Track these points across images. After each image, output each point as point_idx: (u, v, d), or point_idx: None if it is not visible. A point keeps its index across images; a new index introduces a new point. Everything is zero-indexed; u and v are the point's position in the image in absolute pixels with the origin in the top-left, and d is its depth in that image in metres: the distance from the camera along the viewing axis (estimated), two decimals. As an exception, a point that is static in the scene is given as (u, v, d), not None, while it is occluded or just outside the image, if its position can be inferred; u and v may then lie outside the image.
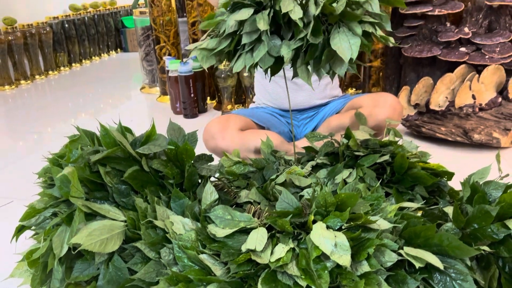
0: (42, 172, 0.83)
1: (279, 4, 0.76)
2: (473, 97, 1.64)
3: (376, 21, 0.81)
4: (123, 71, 3.46)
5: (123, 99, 2.63)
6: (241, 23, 0.77)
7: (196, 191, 0.78)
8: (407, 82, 1.90)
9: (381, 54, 1.97)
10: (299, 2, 0.79)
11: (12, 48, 2.89)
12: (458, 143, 1.55)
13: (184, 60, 2.09)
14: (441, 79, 1.64)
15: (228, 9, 0.82)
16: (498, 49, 1.67)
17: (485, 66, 1.67)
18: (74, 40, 3.52)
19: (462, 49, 1.72)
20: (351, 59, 0.78)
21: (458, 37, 1.71)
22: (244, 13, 0.75)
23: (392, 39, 0.84)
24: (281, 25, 0.80)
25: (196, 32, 2.26)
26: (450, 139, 1.54)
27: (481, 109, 1.65)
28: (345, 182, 1.04)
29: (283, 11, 0.75)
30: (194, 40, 2.29)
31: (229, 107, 2.15)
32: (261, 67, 0.81)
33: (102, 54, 3.93)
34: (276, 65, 0.82)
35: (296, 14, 0.76)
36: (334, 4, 0.78)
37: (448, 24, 1.81)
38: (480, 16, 1.78)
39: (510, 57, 1.65)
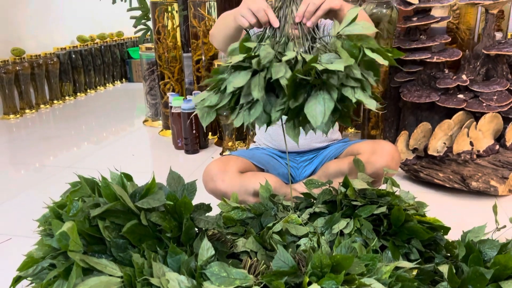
0: (42, 220, 0.84)
1: (271, 71, 0.80)
2: (471, 143, 1.66)
3: (357, 85, 0.84)
4: (127, 102, 3.51)
5: (126, 130, 2.66)
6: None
7: (193, 245, 0.79)
8: (406, 125, 1.93)
9: (380, 97, 2.00)
10: (290, 64, 0.83)
11: (19, 77, 2.95)
12: (456, 189, 1.56)
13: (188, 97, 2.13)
14: (439, 125, 1.67)
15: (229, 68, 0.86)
16: (495, 97, 1.70)
17: (483, 113, 1.70)
18: (80, 70, 3.59)
19: (460, 96, 1.75)
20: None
21: (456, 84, 1.75)
22: (242, 79, 0.78)
23: (374, 104, 0.84)
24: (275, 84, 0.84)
25: (200, 69, 2.30)
26: (448, 185, 1.55)
27: (478, 156, 1.66)
28: (342, 233, 1.04)
29: (274, 77, 0.79)
30: (198, 77, 2.34)
31: (230, 143, 2.17)
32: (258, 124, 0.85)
33: (107, 84, 4.00)
34: (269, 120, 0.86)
35: (285, 80, 0.80)
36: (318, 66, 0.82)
37: (447, 71, 1.85)
38: (478, 63, 1.82)
39: (507, 105, 1.68)
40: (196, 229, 0.86)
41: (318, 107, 0.80)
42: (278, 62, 0.83)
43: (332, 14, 0.99)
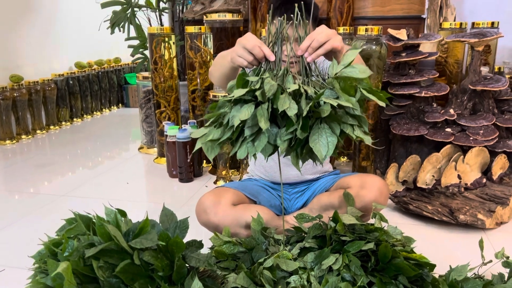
0: (37, 257, 0.86)
1: (276, 102, 0.84)
2: (459, 177, 1.70)
3: (355, 123, 0.89)
4: (123, 127, 3.55)
5: (121, 156, 2.69)
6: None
7: (185, 284, 0.81)
8: (396, 157, 1.97)
9: (370, 130, 2.05)
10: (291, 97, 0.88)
11: (17, 104, 2.99)
12: (445, 221, 1.59)
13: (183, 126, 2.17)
14: (428, 158, 1.71)
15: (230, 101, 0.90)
16: (482, 131, 1.75)
17: (470, 146, 1.75)
18: (77, 96, 3.64)
19: (448, 129, 1.80)
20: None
21: (444, 118, 1.80)
22: (247, 112, 0.83)
23: (369, 139, 0.91)
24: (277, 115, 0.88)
25: (196, 99, 2.35)
26: (436, 218, 1.58)
27: (466, 189, 1.70)
28: (331, 268, 1.07)
29: (280, 109, 0.83)
30: (193, 106, 2.38)
31: (224, 172, 2.20)
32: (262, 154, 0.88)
33: (104, 109, 4.04)
34: (273, 150, 0.90)
35: (292, 110, 0.84)
36: (322, 103, 0.86)
37: (435, 105, 1.91)
38: (465, 98, 1.88)
39: (493, 139, 1.73)
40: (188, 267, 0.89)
41: (322, 141, 0.84)
42: (280, 94, 0.88)
43: (332, 53, 1.03)
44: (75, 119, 3.65)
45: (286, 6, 1.30)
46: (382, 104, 0.92)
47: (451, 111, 1.83)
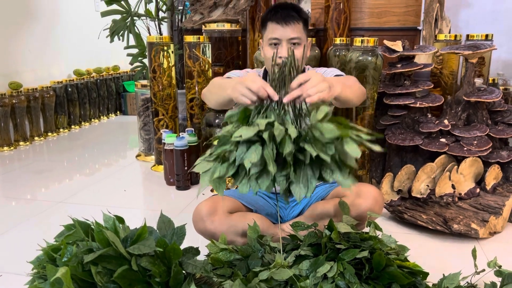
0: (35, 262, 0.88)
1: (282, 147, 0.88)
2: (453, 186, 1.73)
3: (335, 167, 0.91)
4: (120, 134, 3.56)
5: (118, 164, 2.70)
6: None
7: (181, 290, 0.83)
8: (391, 166, 2.00)
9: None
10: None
11: (15, 110, 3.00)
12: (439, 231, 1.61)
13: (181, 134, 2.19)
14: (422, 168, 1.73)
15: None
16: (475, 142, 1.77)
17: (464, 157, 1.77)
18: (76, 103, 3.66)
19: (442, 140, 1.83)
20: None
21: (438, 128, 1.83)
22: (256, 154, 0.87)
23: (348, 184, 0.90)
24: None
25: (194, 107, 2.37)
26: (430, 227, 1.60)
27: (460, 199, 1.72)
28: (326, 276, 1.08)
29: (284, 152, 0.87)
30: (191, 115, 2.41)
31: (221, 180, 2.21)
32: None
33: (102, 117, 4.06)
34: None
35: (290, 155, 0.87)
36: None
37: (429, 115, 1.93)
38: (459, 109, 1.91)
39: (487, 150, 1.76)
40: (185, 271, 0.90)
41: (302, 187, 0.89)
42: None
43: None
44: (73, 126, 3.66)
45: (274, 13, 1.36)
46: (356, 155, 0.90)
47: (446, 121, 1.86)
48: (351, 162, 0.88)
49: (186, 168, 2.19)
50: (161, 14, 2.95)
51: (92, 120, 3.92)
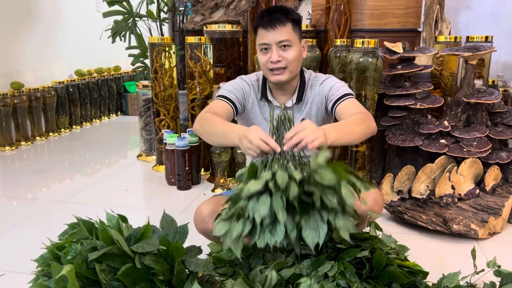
0: (40, 260, 0.89)
1: (288, 192, 0.90)
2: (453, 187, 1.74)
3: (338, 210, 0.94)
4: (121, 135, 3.57)
5: (120, 164, 2.71)
6: None
7: (184, 287, 0.84)
8: (391, 167, 2.01)
9: (366, 140, 2.08)
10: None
11: (17, 110, 3.01)
12: (438, 231, 1.62)
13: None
14: (422, 169, 1.74)
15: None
16: (475, 143, 1.78)
17: (464, 157, 1.78)
18: (77, 103, 3.67)
19: (442, 141, 1.84)
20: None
21: (438, 129, 1.84)
22: (265, 205, 0.89)
23: (347, 234, 0.96)
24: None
25: (195, 107, 2.38)
26: (430, 228, 1.61)
27: (460, 199, 1.73)
28: (326, 275, 1.09)
29: (290, 196, 0.90)
30: (192, 115, 2.42)
31: (222, 180, 2.22)
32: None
33: (103, 117, 4.07)
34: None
35: (296, 199, 0.90)
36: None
37: (429, 117, 1.95)
38: (459, 110, 1.92)
39: (487, 151, 1.77)
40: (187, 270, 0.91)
41: (313, 232, 0.93)
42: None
43: None
44: (74, 126, 3.67)
45: (260, 18, 1.36)
46: (350, 202, 0.94)
47: (446, 123, 1.87)
48: (348, 208, 0.93)
49: (187, 168, 2.20)
50: (162, 15, 2.96)
51: (93, 120, 3.93)
